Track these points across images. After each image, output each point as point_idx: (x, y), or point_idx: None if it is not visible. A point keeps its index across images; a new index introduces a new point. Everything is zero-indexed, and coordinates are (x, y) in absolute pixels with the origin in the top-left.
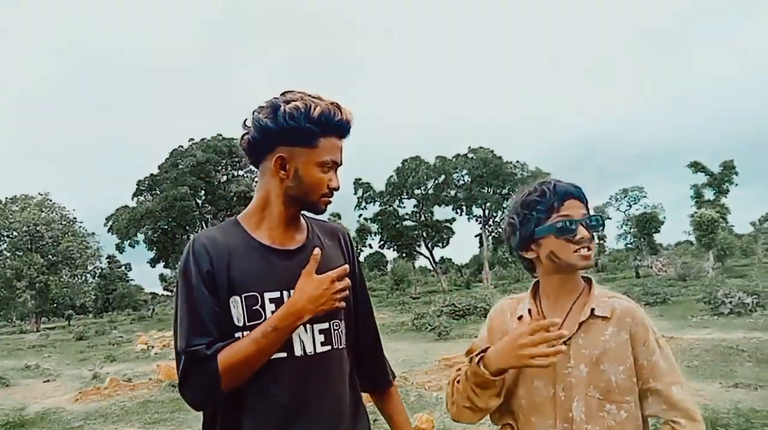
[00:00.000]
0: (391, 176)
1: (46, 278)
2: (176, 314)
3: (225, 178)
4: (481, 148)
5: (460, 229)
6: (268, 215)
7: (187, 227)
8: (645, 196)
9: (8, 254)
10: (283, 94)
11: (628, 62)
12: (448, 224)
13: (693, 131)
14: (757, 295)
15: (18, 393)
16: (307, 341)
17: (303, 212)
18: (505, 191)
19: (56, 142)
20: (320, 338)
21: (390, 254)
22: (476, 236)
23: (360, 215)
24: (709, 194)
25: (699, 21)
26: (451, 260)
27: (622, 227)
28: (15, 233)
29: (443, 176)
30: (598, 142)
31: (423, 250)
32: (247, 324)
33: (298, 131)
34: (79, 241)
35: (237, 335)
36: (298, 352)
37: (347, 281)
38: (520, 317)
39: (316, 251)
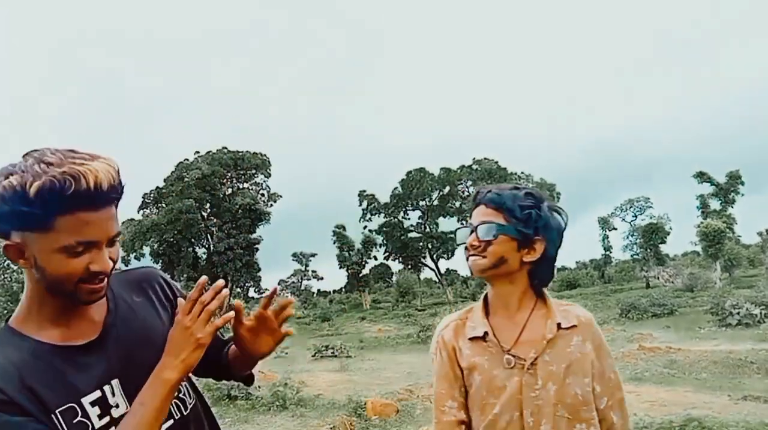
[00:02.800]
0: (396, 188)
1: None
2: None
3: (230, 190)
4: (485, 159)
5: None
6: (44, 309)
7: (193, 240)
8: (651, 207)
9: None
10: (23, 156)
11: (639, 72)
12: (453, 236)
13: (700, 141)
14: (766, 306)
15: None
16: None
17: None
18: None
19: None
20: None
21: (395, 266)
22: None
23: (365, 227)
24: (715, 204)
25: (714, 31)
26: (456, 271)
27: (628, 237)
28: None
29: (448, 188)
30: (609, 151)
31: (428, 261)
32: None
33: (15, 215)
34: None
35: None
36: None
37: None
38: (471, 339)
39: (179, 301)
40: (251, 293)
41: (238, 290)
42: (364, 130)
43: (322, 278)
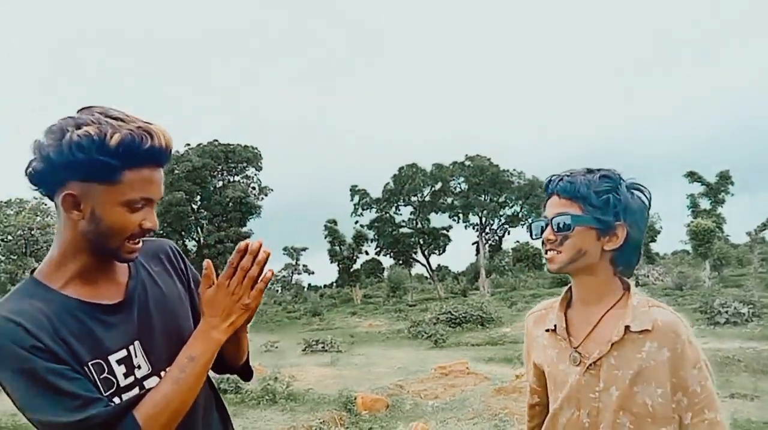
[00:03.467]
0: (388, 183)
1: None
2: (25, 404)
3: (221, 183)
4: (477, 155)
5: (457, 236)
6: (73, 265)
7: (183, 232)
8: None
9: (2, 258)
10: (79, 111)
11: (637, 71)
12: (444, 232)
13: (690, 140)
14: (753, 305)
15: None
16: None
17: None
18: (501, 199)
19: None
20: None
21: (386, 261)
22: (473, 244)
23: (356, 222)
24: (705, 204)
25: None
26: (447, 267)
27: None
28: (10, 237)
29: (440, 184)
30: (602, 150)
31: (419, 257)
32: (104, 396)
33: (89, 165)
34: None
35: None
36: None
37: (255, 271)
38: (548, 331)
39: (206, 262)
40: None
41: None
42: (356, 126)
43: (313, 273)
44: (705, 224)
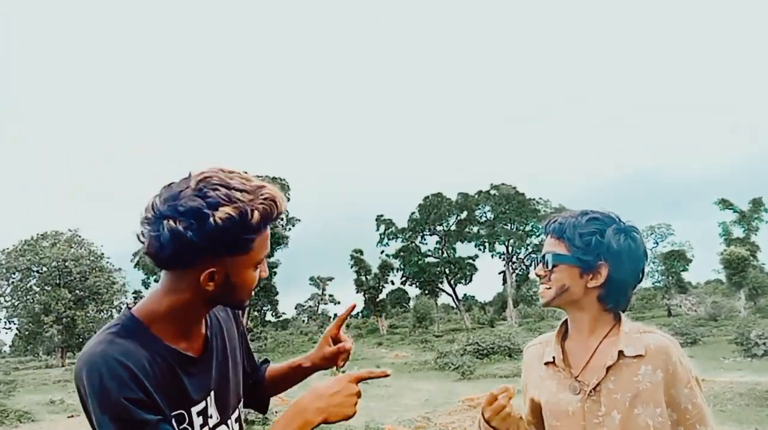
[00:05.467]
0: (413, 213)
1: (73, 313)
2: None
3: None
4: (503, 184)
5: (483, 266)
6: (182, 320)
7: None
8: (672, 234)
9: (37, 289)
10: (199, 186)
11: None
12: (470, 261)
13: (721, 167)
14: None
15: (43, 428)
16: None
17: None
18: (528, 228)
19: (87, 178)
20: (236, 427)
21: (412, 291)
22: (500, 273)
23: (382, 252)
24: (738, 232)
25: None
26: (474, 297)
27: (648, 264)
28: (44, 269)
29: (465, 212)
30: (632, 179)
31: (446, 287)
32: None
33: (232, 244)
34: (106, 276)
35: None
36: None
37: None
38: (546, 364)
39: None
40: (268, 316)
41: (256, 313)
42: (382, 156)
43: (339, 302)
44: (739, 252)
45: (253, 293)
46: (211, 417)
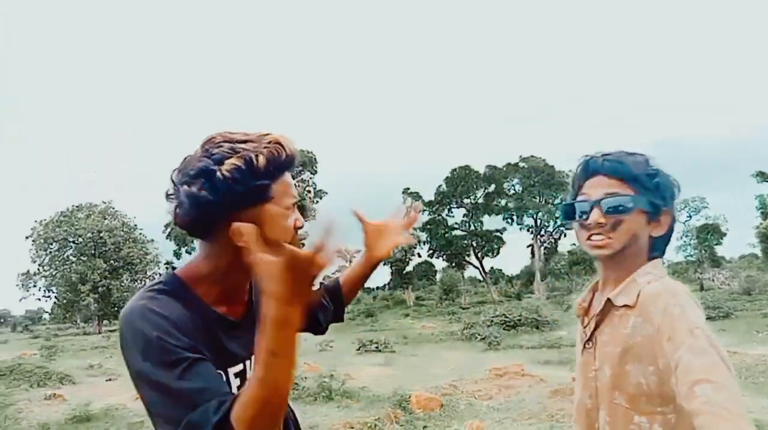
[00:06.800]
0: (441, 185)
1: (108, 282)
2: (157, 401)
3: None
4: (532, 156)
5: (511, 239)
6: (224, 283)
7: None
8: (706, 207)
9: (74, 259)
10: (204, 148)
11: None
12: (498, 234)
13: (759, 137)
14: None
15: (83, 390)
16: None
17: None
18: (557, 201)
19: (87, 178)
20: (236, 382)
21: (439, 264)
22: (528, 247)
23: None
24: None
25: None
26: (501, 270)
27: (681, 238)
28: (80, 239)
29: (493, 185)
30: (666, 150)
31: (473, 260)
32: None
33: (247, 193)
34: (140, 247)
35: None
36: None
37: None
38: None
39: (234, 226)
40: None
41: None
42: (409, 128)
43: None
44: None
45: (300, 243)
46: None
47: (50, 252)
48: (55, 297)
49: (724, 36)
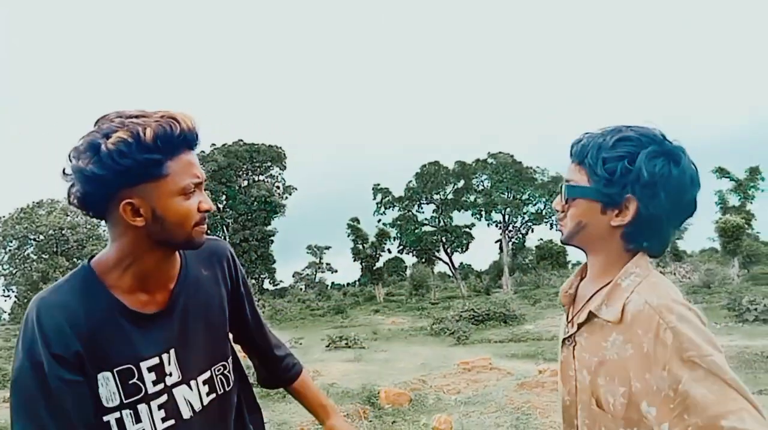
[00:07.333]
0: (410, 181)
1: None
2: (25, 412)
3: (246, 183)
4: (500, 153)
5: (480, 234)
6: (132, 269)
7: (209, 232)
8: None
9: (35, 257)
10: (96, 124)
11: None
12: (467, 230)
13: (719, 135)
14: None
15: None
16: (194, 399)
17: None
18: (525, 196)
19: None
20: (205, 389)
21: (409, 260)
22: (496, 242)
23: (379, 220)
24: (734, 200)
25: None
26: (470, 265)
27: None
28: (41, 237)
29: (462, 181)
30: None
31: (442, 255)
32: (124, 402)
33: (136, 167)
34: (104, 244)
35: (107, 418)
36: (186, 414)
37: None
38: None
39: None
40: (266, 284)
41: (253, 281)
42: (379, 124)
43: (336, 271)
44: (734, 221)
45: (201, 228)
46: (170, 375)
47: (9, 250)
48: (15, 296)
49: (724, 36)
